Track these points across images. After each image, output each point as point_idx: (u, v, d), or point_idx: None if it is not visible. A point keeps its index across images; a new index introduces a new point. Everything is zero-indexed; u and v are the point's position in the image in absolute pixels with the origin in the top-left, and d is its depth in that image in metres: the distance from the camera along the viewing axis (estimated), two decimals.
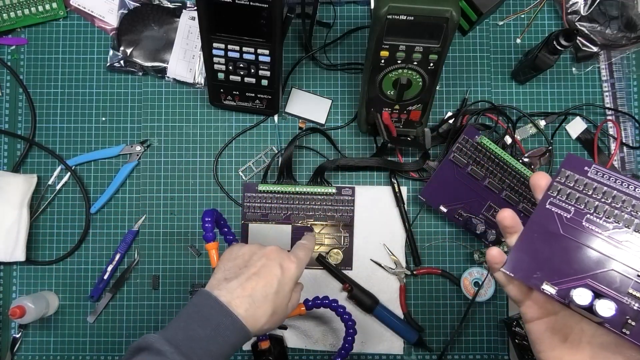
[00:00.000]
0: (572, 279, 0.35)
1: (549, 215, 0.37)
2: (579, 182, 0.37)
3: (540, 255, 0.36)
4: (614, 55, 0.69)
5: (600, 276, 0.35)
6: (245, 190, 0.69)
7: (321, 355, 0.68)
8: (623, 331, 0.33)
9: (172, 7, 0.70)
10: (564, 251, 0.36)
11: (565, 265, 0.35)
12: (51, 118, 0.70)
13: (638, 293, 0.33)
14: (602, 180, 0.37)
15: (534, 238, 0.37)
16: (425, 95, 0.61)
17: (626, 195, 0.36)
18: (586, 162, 0.37)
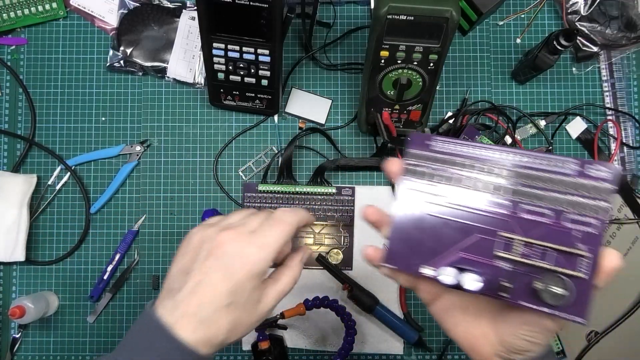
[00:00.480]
0: (446, 255, 0.35)
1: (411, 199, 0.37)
2: (426, 158, 0.37)
3: (413, 240, 0.36)
4: (614, 55, 0.69)
5: (469, 246, 0.35)
6: (245, 190, 0.69)
7: (321, 355, 0.68)
8: (501, 294, 0.33)
9: (172, 7, 0.70)
10: (433, 230, 0.36)
11: (437, 244, 0.36)
12: (51, 118, 0.70)
13: (503, 253, 0.34)
14: (447, 149, 0.36)
15: (404, 225, 0.37)
16: (425, 95, 0.61)
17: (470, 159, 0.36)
18: (427, 136, 0.37)
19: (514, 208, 0.34)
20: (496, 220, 0.34)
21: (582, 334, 0.68)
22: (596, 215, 0.32)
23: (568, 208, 0.33)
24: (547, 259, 0.33)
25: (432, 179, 0.36)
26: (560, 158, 0.33)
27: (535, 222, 0.33)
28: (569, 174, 0.33)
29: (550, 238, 0.33)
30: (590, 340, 0.67)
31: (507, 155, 0.35)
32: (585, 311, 0.32)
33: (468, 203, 0.35)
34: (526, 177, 0.34)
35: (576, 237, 0.32)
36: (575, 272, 0.32)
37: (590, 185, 0.32)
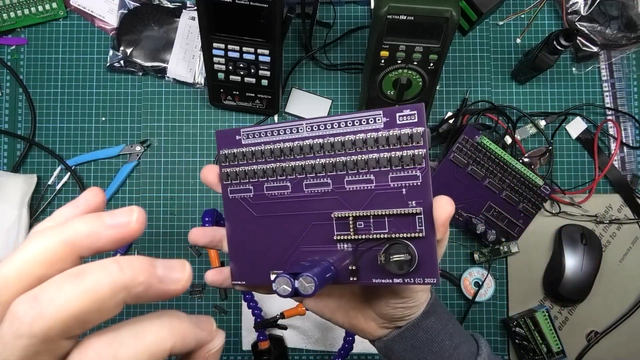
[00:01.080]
0: (289, 255, 0.33)
1: (236, 205, 0.34)
2: (239, 155, 0.34)
3: (254, 249, 0.34)
4: (614, 55, 0.69)
5: (308, 237, 0.33)
6: None
7: (321, 355, 0.68)
8: (351, 279, 0.31)
9: (172, 7, 0.70)
10: (269, 231, 0.34)
11: (277, 245, 0.33)
12: (51, 118, 0.70)
13: (342, 234, 0.32)
14: (259, 140, 0.33)
15: (239, 235, 0.34)
16: (425, 95, 0.61)
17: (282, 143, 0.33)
18: (234, 130, 0.34)
19: (337, 183, 0.32)
20: (324, 202, 0.32)
21: (582, 334, 0.68)
22: (416, 165, 0.30)
23: (387, 166, 0.30)
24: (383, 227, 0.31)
25: (252, 177, 0.34)
26: (367, 114, 0.31)
27: (361, 191, 0.31)
28: (378, 129, 0.30)
29: (380, 204, 0.31)
30: (590, 340, 0.67)
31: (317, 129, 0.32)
32: (434, 270, 0.30)
33: (292, 192, 0.33)
34: (340, 146, 0.31)
35: (404, 195, 0.30)
36: (412, 234, 0.30)
37: (401, 133, 0.30)
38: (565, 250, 0.65)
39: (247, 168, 0.34)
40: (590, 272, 0.65)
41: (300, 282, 0.29)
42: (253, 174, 0.34)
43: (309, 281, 0.29)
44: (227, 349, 0.69)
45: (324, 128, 0.32)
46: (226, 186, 0.34)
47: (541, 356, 0.65)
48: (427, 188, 0.30)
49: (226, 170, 0.34)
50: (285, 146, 0.33)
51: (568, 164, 0.69)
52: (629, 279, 0.68)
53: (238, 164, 0.34)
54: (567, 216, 0.68)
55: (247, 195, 0.34)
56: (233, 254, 0.35)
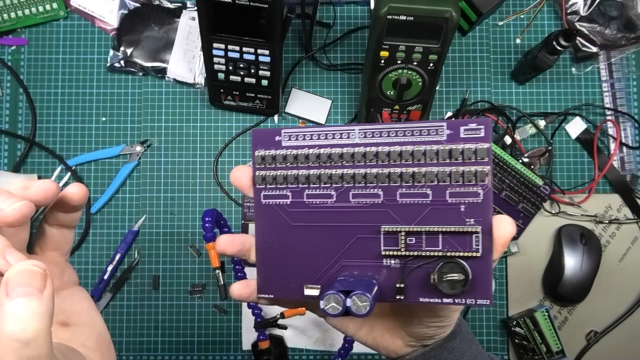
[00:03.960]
0: (328, 268, 0.31)
1: (270, 212, 0.31)
2: (278, 158, 0.31)
3: (286, 260, 0.31)
4: (613, 56, 0.69)
5: (351, 251, 0.30)
6: None
7: (321, 355, 0.68)
8: (398, 297, 0.30)
9: (172, 7, 0.70)
10: (306, 242, 0.31)
11: (314, 257, 0.31)
12: (51, 118, 0.70)
13: (390, 250, 0.30)
14: (302, 143, 0.31)
15: (270, 244, 0.32)
16: (425, 95, 0.61)
17: (329, 148, 0.30)
18: (274, 130, 0.31)
19: (389, 195, 0.30)
20: (372, 214, 0.30)
21: (582, 334, 0.68)
22: (478, 182, 0.28)
23: (447, 181, 0.29)
24: (436, 244, 0.29)
25: (292, 182, 0.31)
26: (429, 124, 0.29)
27: (414, 205, 0.29)
28: (440, 141, 0.29)
29: (435, 220, 0.29)
30: (590, 340, 0.68)
31: (372, 136, 0.30)
32: (487, 292, 0.28)
33: (337, 202, 0.31)
34: (397, 156, 0.29)
35: (462, 211, 0.29)
36: (468, 253, 0.29)
37: (464, 148, 0.28)
38: (565, 250, 0.65)
39: (286, 172, 0.31)
40: (589, 272, 0.65)
41: (353, 300, 0.27)
42: (293, 179, 0.31)
43: (363, 300, 0.27)
44: (227, 348, 0.69)
45: (378, 136, 0.30)
46: (259, 190, 0.32)
47: (541, 356, 0.65)
48: (488, 206, 0.28)
49: (261, 173, 0.31)
50: (333, 152, 0.30)
51: (568, 164, 0.69)
52: (628, 278, 0.68)
53: (276, 167, 0.31)
54: (567, 216, 0.68)
55: (283, 201, 0.31)
56: (261, 264, 0.32)
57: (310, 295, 0.31)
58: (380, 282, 0.30)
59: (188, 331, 0.69)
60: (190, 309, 0.69)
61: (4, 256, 0.23)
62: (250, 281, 0.33)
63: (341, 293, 0.28)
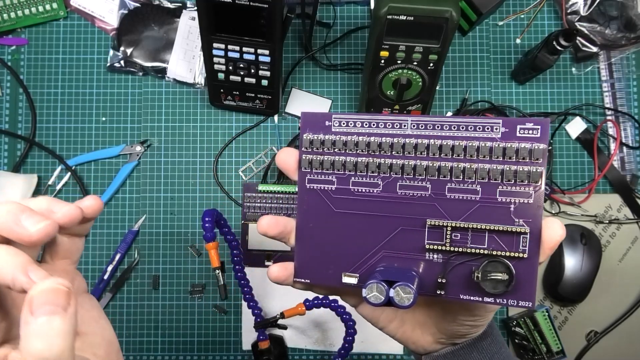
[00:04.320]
0: (368, 258, 0.31)
1: (314, 196, 0.31)
2: (326, 143, 0.31)
3: (326, 246, 0.31)
4: (613, 56, 0.69)
5: (393, 242, 0.30)
6: (245, 190, 0.69)
7: (321, 355, 0.68)
8: (438, 292, 0.29)
9: (172, 7, 0.70)
10: (348, 229, 0.31)
11: (355, 245, 0.31)
12: (51, 118, 0.70)
13: (434, 244, 0.29)
14: (353, 130, 0.30)
15: (311, 229, 0.31)
16: (425, 95, 0.61)
17: (379, 136, 0.30)
18: (325, 115, 0.31)
19: (437, 189, 0.29)
20: (418, 207, 0.30)
21: (582, 334, 0.68)
22: (531, 183, 0.28)
23: (498, 179, 0.28)
24: (482, 242, 0.29)
25: (339, 169, 0.31)
26: (484, 120, 0.28)
27: (463, 201, 0.29)
28: (495, 138, 0.28)
29: (482, 217, 0.29)
30: (590, 340, 0.68)
31: (424, 128, 0.29)
32: (531, 294, 0.28)
33: (383, 191, 0.30)
34: (449, 150, 0.29)
35: (512, 211, 0.28)
36: (514, 253, 0.28)
37: (519, 147, 0.28)
38: (565, 250, 0.65)
39: (334, 158, 0.31)
40: (589, 272, 0.65)
41: (397, 291, 0.27)
42: (340, 166, 0.30)
43: (407, 292, 0.27)
44: (227, 348, 0.69)
45: (431, 128, 0.29)
46: (304, 174, 0.31)
47: (541, 356, 0.65)
48: (539, 208, 0.28)
49: (308, 157, 0.31)
50: (384, 140, 0.30)
51: (568, 164, 0.69)
52: (628, 278, 0.68)
53: (324, 152, 0.31)
54: (567, 216, 0.68)
55: (328, 187, 0.31)
56: (300, 248, 0.32)
57: (348, 283, 0.31)
58: (420, 275, 0.30)
59: (188, 331, 0.69)
60: (190, 309, 0.69)
61: (28, 274, 0.23)
62: (288, 264, 0.32)
63: (384, 282, 0.27)
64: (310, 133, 0.31)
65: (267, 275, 0.33)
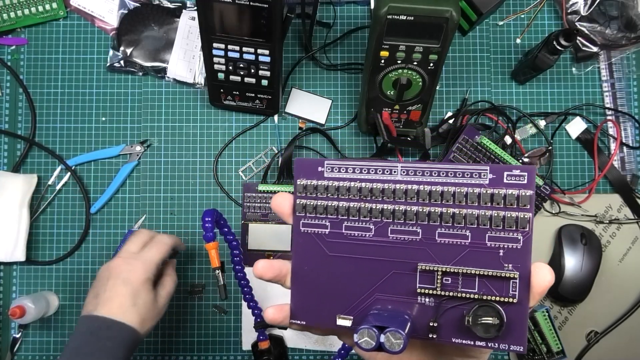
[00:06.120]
0: (362, 300, 0.31)
1: (308, 240, 0.32)
2: (319, 188, 0.32)
3: (321, 289, 0.32)
4: (613, 55, 0.69)
5: (386, 285, 0.31)
6: (245, 190, 0.69)
7: (321, 355, 0.68)
8: (430, 335, 0.30)
9: (172, 7, 0.70)
10: (342, 272, 0.31)
11: (349, 288, 0.31)
12: (51, 118, 0.70)
13: (425, 288, 0.30)
14: (345, 175, 0.31)
15: (306, 272, 0.32)
16: (425, 95, 0.61)
17: (370, 182, 0.31)
18: (317, 161, 0.32)
19: (427, 233, 0.30)
20: (410, 251, 0.30)
21: (582, 334, 0.68)
22: (519, 229, 0.29)
23: (487, 225, 0.29)
24: (472, 286, 0.29)
25: (332, 213, 0.32)
26: (472, 167, 0.29)
27: (453, 246, 0.30)
28: (483, 184, 0.29)
29: (472, 262, 0.29)
30: (590, 340, 0.68)
31: (414, 174, 0.30)
32: (522, 338, 0.28)
33: (375, 236, 0.31)
34: (438, 196, 0.30)
35: (501, 256, 0.29)
36: (504, 298, 0.29)
37: (507, 193, 0.28)
38: (565, 250, 0.65)
39: (327, 203, 0.32)
40: (590, 272, 0.65)
41: (387, 337, 0.27)
42: (333, 210, 0.31)
43: (397, 337, 0.27)
44: (227, 348, 0.69)
45: (421, 174, 0.30)
46: (299, 218, 0.32)
47: (541, 356, 0.65)
48: (528, 253, 0.29)
49: (302, 201, 0.32)
50: (375, 186, 0.31)
51: (568, 164, 0.69)
52: (628, 279, 0.68)
53: (317, 197, 0.32)
54: (567, 216, 0.68)
55: (322, 231, 0.32)
56: (296, 291, 0.32)
57: (342, 325, 0.31)
58: (413, 318, 0.30)
59: (188, 331, 0.69)
60: (190, 309, 0.69)
61: None
62: (284, 306, 0.33)
63: (375, 328, 0.28)
64: (304, 179, 0.32)
65: (264, 316, 0.33)
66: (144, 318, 0.53)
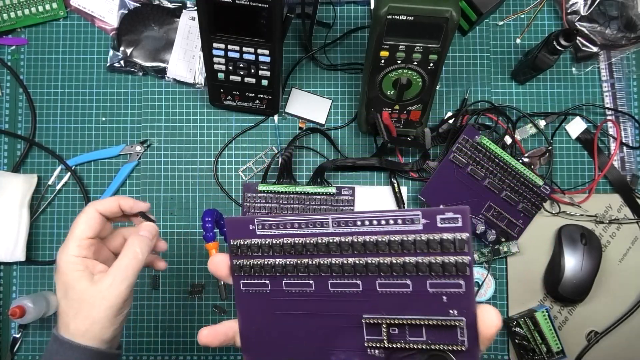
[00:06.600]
0: (315, 356, 0.31)
1: (252, 299, 0.31)
2: (253, 247, 0.31)
3: (272, 346, 0.31)
4: (613, 55, 0.69)
5: (335, 340, 0.30)
6: (245, 190, 0.69)
7: None
8: None
9: (172, 7, 0.70)
10: (289, 330, 0.31)
11: (299, 345, 0.31)
12: (51, 118, 0.70)
13: (373, 340, 0.29)
14: (277, 232, 0.30)
15: (253, 331, 0.32)
16: (425, 95, 0.61)
17: (305, 237, 0.30)
18: (248, 219, 0.31)
19: (368, 285, 0.29)
20: (353, 304, 0.29)
21: (582, 334, 0.68)
22: (459, 273, 0.27)
23: (426, 272, 0.28)
24: (420, 335, 0.28)
25: (269, 272, 0.31)
26: (403, 213, 0.28)
27: (395, 295, 0.29)
28: (417, 230, 0.28)
29: (417, 310, 0.28)
30: (590, 340, 0.67)
31: (346, 225, 0.29)
32: None
33: (316, 291, 0.30)
34: (372, 246, 0.29)
35: (445, 302, 0.28)
36: (452, 346, 0.28)
37: (442, 238, 0.27)
38: (565, 250, 0.65)
39: (262, 261, 0.31)
40: (590, 272, 0.65)
41: None
42: (270, 269, 0.31)
43: None
44: (227, 348, 0.69)
45: (352, 225, 0.29)
46: (238, 278, 0.31)
47: (541, 356, 0.65)
48: (471, 297, 0.27)
49: (238, 261, 0.31)
50: (308, 241, 0.30)
51: (568, 164, 0.69)
52: (628, 279, 0.68)
53: (252, 256, 0.31)
54: (567, 216, 0.68)
55: (263, 289, 0.31)
56: (247, 351, 0.32)
57: None
58: None
59: (188, 331, 0.69)
60: (190, 309, 0.69)
61: None
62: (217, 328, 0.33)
63: None
64: (236, 239, 0.31)
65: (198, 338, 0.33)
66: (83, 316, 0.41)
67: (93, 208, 0.44)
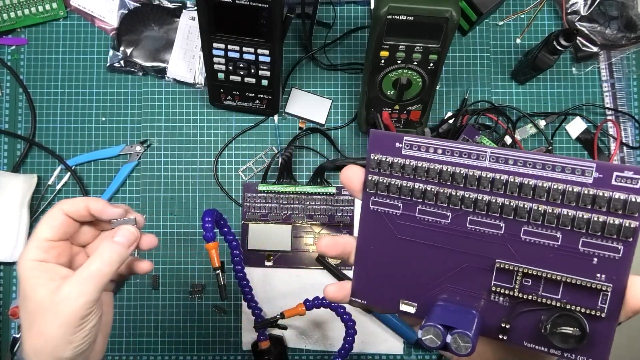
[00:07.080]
0: (429, 289, 0.29)
1: (377, 219, 0.30)
2: (395, 166, 0.29)
3: (386, 270, 0.30)
4: (613, 55, 0.69)
5: (457, 277, 0.29)
6: (245, 190, 0.69)
7: (321, 355, 0.68)
8: (501, 337, 0.28)
9: (172, 7, 0.70)
10: (410, 257, 0.29)
11: (416, 274, 0.29)
12: (51, 118, 0.70)
13: (501, 287, 0.28)
14: (425, 155, 0.28)
15: (371, 252, 0.30)
16: (425, 95, 0.61)
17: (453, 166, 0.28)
18: (396, 136, 0.29)
19: (511, 229, 0.27)
20: (488, 245, 0.28)
21: None
22: (621, 237, 0.25)
23: (583, 229, 0.26)
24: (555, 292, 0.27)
25: (406, 194, 0.29)
26: (574, 162, 0.26)
27: (538, 246, 0.27)
28: (585, 183, 0.25)
29: (559, 267, 0.26)
30: None
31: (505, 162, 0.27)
32: (604, 355, 0.26)
33: (451, 224, 0.28)
34: (529, 190, 0.26)
35: (594, 265, 0.26)
36: (591, 311, 0.26)
37: (613, 197, 0.25)
38: None
39: (401, 182, 0.29)
40: None
41: (454, 338, 0.26)
42: (408, 192, 0.29)
43: (465, 340, 0.25)
44: (227, 348, 0.69)
45: (512, 163, 0.27)
46: (369, 195, 0.30)
47: None
48: (627, 266, 0.25)
49: (374, 178, 0.29)
50: (458, 171, 0.27)
51: None
52: None
53: (391, 175, 0.29)
54: None
55: (393, 211, 0.29)
56: (359, 269, 0.31)
57: (405, 311, 0.30)
58: (482, 314, 0.28)
59: (188, 331, 0.69)
60: (190, 309, 0.69)
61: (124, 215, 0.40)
62: (344, 283, 0.32)
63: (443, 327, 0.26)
64: (378, 154, 0.29)
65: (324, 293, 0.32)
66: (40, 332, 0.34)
67: (59, 207, 0.38)
